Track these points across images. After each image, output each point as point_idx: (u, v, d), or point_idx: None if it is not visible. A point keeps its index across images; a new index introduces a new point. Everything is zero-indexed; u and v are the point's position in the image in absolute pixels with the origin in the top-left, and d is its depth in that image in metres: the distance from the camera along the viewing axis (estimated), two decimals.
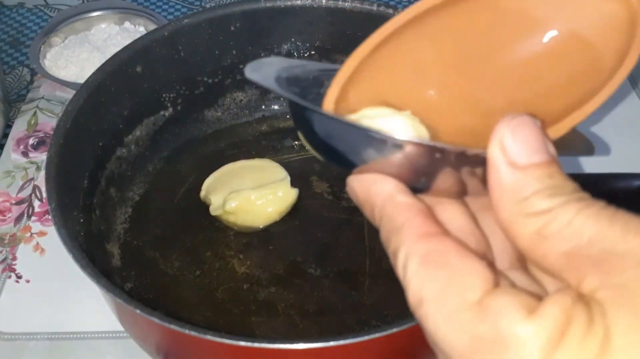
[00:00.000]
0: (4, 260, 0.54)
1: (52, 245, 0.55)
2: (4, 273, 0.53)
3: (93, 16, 0.72)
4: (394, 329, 0.35)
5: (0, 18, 0.84)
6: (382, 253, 0.50)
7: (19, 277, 0.53)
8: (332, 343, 0.35)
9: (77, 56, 0.68)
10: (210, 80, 0.59)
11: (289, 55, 0.59)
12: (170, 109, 0.58)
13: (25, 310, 0.51)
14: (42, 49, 0.69)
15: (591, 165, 0.60)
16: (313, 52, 0.59)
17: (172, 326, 0.36)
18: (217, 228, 0.53)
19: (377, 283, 0.49)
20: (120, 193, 0.55)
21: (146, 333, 0.43)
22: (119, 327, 0.47)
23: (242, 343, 0.35)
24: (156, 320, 0.36)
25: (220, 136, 0.61)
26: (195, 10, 0.84)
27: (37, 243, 0.56)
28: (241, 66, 0.59)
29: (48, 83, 0.69)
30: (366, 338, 0.35)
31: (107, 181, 0.53)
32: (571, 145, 0.29)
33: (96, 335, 0.49)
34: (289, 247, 0.51)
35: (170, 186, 0.56)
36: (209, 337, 0.35)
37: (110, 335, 0.49)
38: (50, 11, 0.85)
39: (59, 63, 0.68)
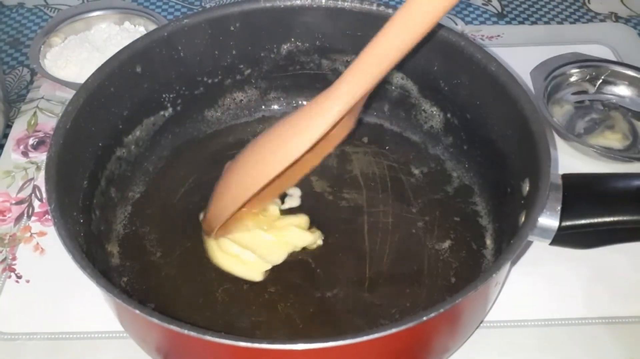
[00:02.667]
0: (4, 260, 0.54)
1: (52, 245, 0.55)
2: (4, 273, 0.53)
3: (93, 16, 0.73)
4: (394, 330, 0.35)
5: (0, 18, 0.84)
6: (382, 253, 0.51)
7: (19, 277, 0.53)
8: (331, 343, 0.35)
9: (77, 56, 0.68)
10: (210, 81, 0.59)
11: (289, 55, 0.59)
12: (170, 109, 0.58)
13: (25, 310, 0.51)
14: (42, 49, 0.69)
15: (588, 167, 0.60)
16: (313, 52, 0.59)
17: (171, 327, 0.36)
18: None
19: (377, 283, 0.49)
20: (121, 194, 0.55)
21: (145, 333, 0.43)
22: (118, 327, 0.47)
23: (242, 344, 0.35)
24: (155, 320, 0.36)
25: (220, 136, 0.61)
26: (195, 11, 0.84)
27: (37, 243, 0.56)
28: (241, 66, 0.59)
29: (48, 83, 0.69)
30: (365, 338, 0.35)
31: (107, 182, 0.53)
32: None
33: (96, 335, 0.49)
34: None
35: (171, 186, 0.56)
36: (208, 337, 0.35)
37: (110, 335, 0.49)
38: (50, 11, 0.85)
39: (59, 63, 0.68)
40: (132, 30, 0.72)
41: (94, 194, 0.51)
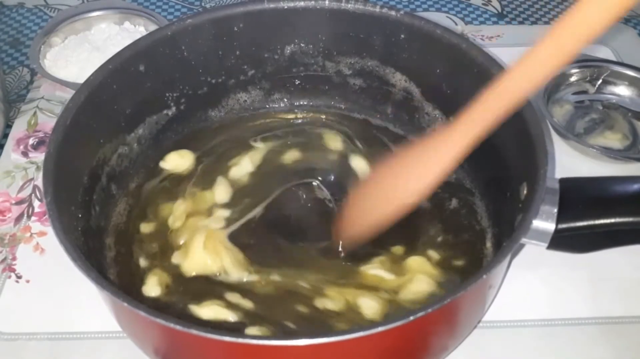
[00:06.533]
0: (4, 260, 0.54)
1: (52, 244, 0.55)
2: (4, 273, 0.53)
3: (93, 16, 0.73)
4: (382, 328, 0.35)
5: (0, 18, 0.84)
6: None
7: (19, 277, 0.53)
8: (323, 340, 0.35)
9: (77, 56, 0.68)
10: (213, 81, 0.59)
11: (292, 56, 0.59)
12: (174, 108, 0.58)
13: (25, 310, 0.51)
14: (42, 49, 0.69)
15: (588, 167, 0.61)
16: (316, 54, 0.59)
17: (158, 320, 0.36)
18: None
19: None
20: (122, 190, 0.54)
21: (138, 328, 0.43)
22: (118, 327, 0.47)
23: (229, 339, 0.35)
24: (142, 313, 0.36)
25: (223, 135, 0.60)
26: (195, 11, 0.84)
27: (37, 243, 0.56)
28: (245, 67, 0.59)
29: (48, 83, 0.69)
30: (362, 334, 0.35)
31: (108, 178, 0.53)
32: None
33: (96, 335, 0.49)
34: (288, 251, 0.51)
35: (172, 184, 0.56)
36: (194, 331, 0.35)
37: (110, 335, 0.49)
38: (50, 11, 0.85)
39: (59, 63, 0.68)
40: (132, 30, 0.72)
41: (95, 190, 0.51)
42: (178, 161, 0.57)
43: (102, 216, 0.51)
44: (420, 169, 0.43)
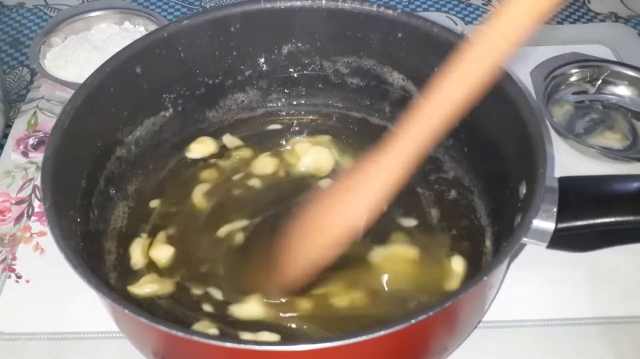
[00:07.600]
0: (4, 260, 0.54)
1: (52, 245, 0.53)
2: (4, 273, 0.54)
3: (93, 16, 0.73)
4: (383, 332, 0.35)
5: (0, 18, 0.84)
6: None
7: (18, 277, 0.53)
8: (324, 345, 0.35)
9: (77, 56, 0.68)
10: (211, 81, 0.59)
11: (290, 56, 0.59)
12: (171, 110, 0.58)
13: (25, 310, 0.51)
14: (42, 49, 0.69)
15: (588, 167, 0.60)
16: (314, 53, 0.59)
17: (159, 326, 0.36)
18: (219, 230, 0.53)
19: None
20: (120, 193, 0.55)
21: (137, 333, 0.43)
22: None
23: (230, 344, 0.35)
24: (143, 319, 0.36)
25: (221, 135, 0.60)
26: (195, 11, 0.84)
27: (37, 243, 0.56)
28: (242, 67, 0.59)
29: (48, 83, 0.69)
30: (362, 338, 0.35)
31: (106, 181, 0.53)
32: None
33: (96, 335, 0.49)
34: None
35: (171, 184, 0.56)
36: (196, 338, 0.35)
37: (110, 335, 0.49)
38: (50, 11, 0.85)
39: (59, 63, 0.68)
40: (132, 30, 0.72)
41: (93, 193, 0.51)
42: (203, 148, 0.58)
43: (101, 220, 0.52)
44: (365, 190, 0.42)
